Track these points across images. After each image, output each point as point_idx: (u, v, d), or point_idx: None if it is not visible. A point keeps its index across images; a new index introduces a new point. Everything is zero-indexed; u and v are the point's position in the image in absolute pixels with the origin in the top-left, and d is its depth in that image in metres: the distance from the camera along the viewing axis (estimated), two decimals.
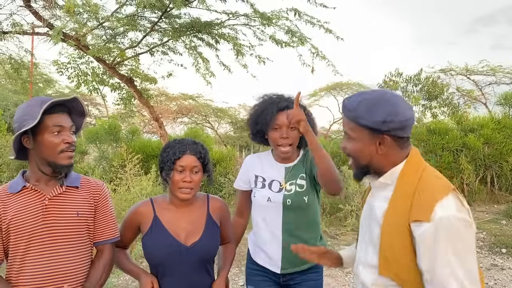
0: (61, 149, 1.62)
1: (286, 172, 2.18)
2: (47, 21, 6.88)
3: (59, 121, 1.62)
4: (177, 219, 1.88)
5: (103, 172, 9.09)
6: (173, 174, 1.81)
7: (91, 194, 1.78)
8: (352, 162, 1.49)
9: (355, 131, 1.41)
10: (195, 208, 1.93)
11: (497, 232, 6.81)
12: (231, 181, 9.55)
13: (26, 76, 9.65)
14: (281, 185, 2.15)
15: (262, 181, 2.20)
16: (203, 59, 8.06)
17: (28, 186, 1.64)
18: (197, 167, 1.83)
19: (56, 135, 1.62)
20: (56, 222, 1.64)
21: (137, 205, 1.94)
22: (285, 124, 2.07)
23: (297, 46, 6.84)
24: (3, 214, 1.59)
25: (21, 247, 1.60)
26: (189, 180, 1.80)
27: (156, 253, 1.82)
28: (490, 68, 16.33)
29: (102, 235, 1.81)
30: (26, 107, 1.62)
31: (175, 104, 20.03)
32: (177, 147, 1.83)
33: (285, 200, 2.11)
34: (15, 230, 1.59)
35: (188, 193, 1.82)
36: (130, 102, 10.18)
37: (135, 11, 6.82)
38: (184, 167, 1.80)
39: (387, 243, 1.36)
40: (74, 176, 1.77)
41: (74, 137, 1.68)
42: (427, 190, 1.31)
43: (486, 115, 11.57)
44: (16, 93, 17.75)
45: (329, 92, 21.63)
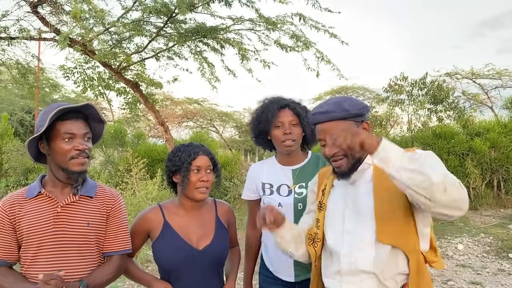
0: (71, 156, 1.63)
1: (293, 174, 2.17)
2: (54, 26, 6.94)
3: (70, 128, 1.63)
4: (188, 223, 1.90)
5: (109, 176, 9.13)
6: (190, 175, 1.84)
7: (104, 204, 1.77)
8: (346, 161, 1.55)
9: (347, 125, 1.53)
10: (204, 211, 1.95)
11: (504, 237, 6.76)
12: (236, 185, 9.56)
13: (32, 81, 9.71)
14: (289, 187, 2.15)
15: (269, 188, 2.19)
16: (208, 64, 8.09)
17: (43, 192, 1.67)
18: (210, 166, 1.89)
19: (67, 141, 1.63)
20: (66, 230, 1.66)
21: (145, 212, 1.95)
22: (287, 121, 2.11)
23: (302, 51, 6.84)
24: (18, 217, 1.63)
25: (31, 252, 1.62)
26: (206, 179, 1.85)
27: (168, 258, 1.83)
28: (496, 71, 16.24)
29: (112, 246, 1.78)
30: (43, 114, 1.65)
31: (180, 108, 20.07)
32: (190, 149, 1.87)
33: (296, 204, 2.10)
34: (28, 234, 1.62)
35: (205, 192, 1.86)
36: (136, 106, 10.22)
37: (140, 17, 6.86)
38: (200, 167, 1.85)
39: (382, 207, 1.48)
40: (91, 185, 1.77)
41: (87, 144, 1.68)
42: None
43: (492, 119, 11.52)
44: (22, 97, 17.87)
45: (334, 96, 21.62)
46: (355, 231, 1.55)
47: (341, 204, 1.63)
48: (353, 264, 1.52)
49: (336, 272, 1.58)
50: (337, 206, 1.64)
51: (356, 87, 20.44)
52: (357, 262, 1.51)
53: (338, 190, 1.67)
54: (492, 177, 9.79)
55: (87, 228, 1.70)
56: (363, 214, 1.54)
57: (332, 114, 1.54)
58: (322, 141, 1.59)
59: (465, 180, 9.18)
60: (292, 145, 2.12)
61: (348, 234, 1.56)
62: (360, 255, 1.51)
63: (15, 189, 8.52)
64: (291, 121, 2.11)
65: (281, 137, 2.11)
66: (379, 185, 1.52)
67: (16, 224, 1.63)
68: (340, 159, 1.55)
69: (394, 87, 14.76)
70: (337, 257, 1.58)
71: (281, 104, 2.14)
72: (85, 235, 1.69)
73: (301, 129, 2.15)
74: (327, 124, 1.55)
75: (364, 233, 1.51)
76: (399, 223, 1.46)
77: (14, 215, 1.63)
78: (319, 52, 6.85)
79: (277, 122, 2.12)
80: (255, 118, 2.23)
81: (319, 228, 1.69)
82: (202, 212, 1.94)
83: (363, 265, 1.50)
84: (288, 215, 2.08)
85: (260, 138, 2.25)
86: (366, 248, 1.50)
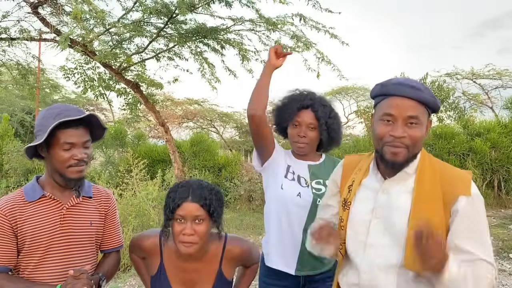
0: (69, 164, 1.62)
1: (309, 170, 2.13)
2: (54, 27, 6.94)
3: (70, 137, 1.60)
4: (183, 271, 1.69)
5: (109, 177, 9.14)
6: (173, 224, 1.59)
7: (102, 204, 1.82)
8: (405, 151, 1.37)
9: (424, 114, 1.38)
10: (205, 260, 1.69)
11: (505, 237, 6.75)
12: (236, 186, 9.55)
13: (33, 81, 9.72)
14: (306, 182, 2.09)
15: (292, 173, 2.11)
16: (209, 64, 8.09)
17: (47, 195, 1.66)
18: (201, 216, 1.56)
19: (67, 150, 1.61)
20: (72, 231, 1.68)
21: (142, 238, 1.77)
22: (304, 123, 2.07)
23: (303, 51, 6.85)
24: (20, 222, 1.60)
25: (37, 255, 1.62)
26: (190, 232, 1.54)
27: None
28: (496, 72, 16.25)
29: (111, 243, 1.87)
30: (42, 118, 1.62)
31: (180, 109, 20.07)
32: (179, 192, 1.59)
33: (315, 198, 2.03)
34: (32, 238, 1.60)
35: (190, 246, 1.56)
36: (136, 107, 10.23)
37: (141, 17, 6.86)
38: (184, 217, 1.55)
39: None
40: (87, 186, 1.80)
41: (86, 152, 1.65)
42: (455, 172, 1.42)
43: (492, 119, 11.51)
44: (23, 98, 17.88)
45: (334, 96, 21.58)
46: (380, 249, 1.42)
47: (368, 212, 1.46)
48: (373, 282, 1.43)
49: (355, 285, 1.49)
50: (363, 213, 1.48)
51: (357, 87, 20.43)
52: (379, 283, 1.41)
53: (366, 194, 1.50)
54: (492, 177, 9.78)
55: (90, 228, 1.74)
56: (391, 233, 1.39)
57: (422, 94, 1.34)
58: (390, 117, 1.37)
59: None
60: (304, 147, 2.10)
61: (370, 248, 1.44)
62: (382, 276, 1.41)
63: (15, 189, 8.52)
64: (309, 124, 2.06)
65: (295, 137, 2.10)
66: (419, 206, 1.36)
67: (18, 228, 1.60)
68: (401, 147, 1.36)
69: None
70: (356, 270, 1.48)
71: (304, 104, 2.08)
72: (89, 235, 1.74)
73: (317, 133, 2.09)
74: (411, 103, 1.34)
75: (389, 254, 1.39)
76: None
77: (15, 220, 1.59)
78: (320, 53, 6.85)
79: (295, 121, 2.09)
80: (276, 110, 2.20)
81: (342, 229, 1.53)
82: (202, 260, 1.68)
83: (384, 286, 1.41)
84: (304, 208, 2.04)
85: (278, 130, 2.25)
86: (389, 270, 1.39)
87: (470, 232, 1.32)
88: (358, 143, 10.80)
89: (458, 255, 1.30)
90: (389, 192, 1.43)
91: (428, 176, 1.39)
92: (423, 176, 1.39)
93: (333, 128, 2.12)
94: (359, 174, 1.55)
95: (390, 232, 1.40)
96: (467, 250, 1.31)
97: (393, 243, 1.39)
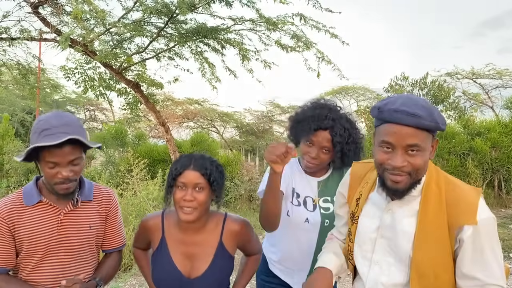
0: (54, 182, 1.57)
1: (318, 187, 2.06)
2: (54, 27, 6.94)
3: (54, 156, 1.52)
4: (183, 244, 1.70)
5: (109, 177, 9.14)
6: (174, 191, 1.63)
7: (102, 204, 1.80)
8: (407, 179, 1.32)
9: (425, 140, 1.29)
10: (205, 232, 1.71)
11: (505, 237, 6.75)
12: (237, 186, 9.55)
13: (33, 81, 9.72)
14: (314, 201, 2.03)
15: (297, 198, 2.04)
16: (209, 64, 8.09)
17: (44, 201, 1.64)
18: (201, 184, 1.61)
19: (51, 168, 1.55)
20: (70, 235, 1.67)
21: (147, 218, 1.79)
22: (319, 144, 1.93)
23: (303, 51, 6.85)
24: (17, 225, 1.59)
25: (35, 259, 1.62)
26: (190, 198, 1.59)
27: (157, 281, 1.72)
28: (496, 71, 16.25)
29: (112, 243, 1.86)
30: (34, 129, 1.55)
31: (181, 108, 20.08)
32: (181, 162, 1.64)
33: (323, 220, 1.99)
34: (30, 242, 1.60)
35: (190, 213, 1.60)
36: (137, 107, 10.23)
37: (141, 17, 6.87)
38: (185, 184, 1.60)
39: (422, 258, 1.32)
40: (88, 189, 1.75)
41: (74, 169, 1.58)
42: (461, 194, 1.34)
43: (493, 119, 11.51)
44: (23, 98, 17.88)
45: (335, 96, 21.60)
46: (385, 267, 1.42)
47: (373, 230, 1.45)
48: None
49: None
50: (369, 231, 1.46)
51: (357, 87, 20.46)
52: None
53: (372, 210, 1.48)
54: (493, 177, 9.79)
55: (89, 231, 1.72)
56: (396, 254, 1.38)
57: (420, 121, 1.24)
58: (389, 145, 1.30)
59: (466, 180, 9.17)
60: (312, 167, 2.00)
61: (376, 266, 1.43)
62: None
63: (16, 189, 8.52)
64: (323, 147, 1.93)
65: (306, 156, 1.98)
66: (425, 229, 1.33)
67: (16, 232, 1.59)
68: (403, 175, 1.30)
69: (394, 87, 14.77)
70: (362, 285, 1.48)
71: (323, 126, 1.91)
72: (88, 238, 1.72)
73: (330, 156, 1.97)
74: (407, 129, 1.26)
75: (394, 274, 1.39)
76: (440, 277, 1.32)
77: (13, 223, 1.59)
78: (320, 52, 6.86)
79: (309, 139, 1.95)
80: (294, 123, 2.05)
81: (351, 242, 1.53)
82: (202, 233, 1.71)
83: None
84: (314, 233, 1.99)
85: (293, 139, 2.09)
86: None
87: (477, 261, 1.29)
88: None
89: (465, 282, 1.31)
90: (394, 213, 1.41)
91: (433, 200, 1.35)
92: (427, 200, 1.36)
93: (348, 154, 1.97)
94: (366, 187, 1.52)
95: (395, 252, 1.39)
96: (474, 277, 1.29)
97: (398, 263, 1.38)
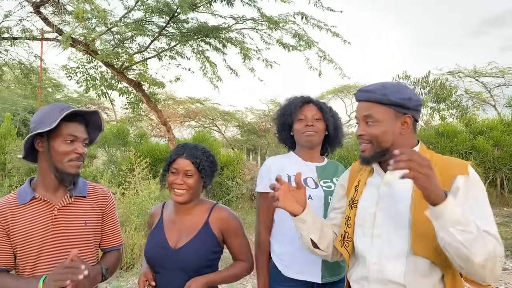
0: (70, 158, 1.62)
1: (317, 170, 2.12)
2: (56, 26, 6.96)
3: (74, 131, 1.63)
4: (175, 222, 1.91)
5: (111, 176, 9.15)
6: (168, 175, 1.87)
7: (98, 202, 1.80)
8: (370, 147, 1.50)
9: (380, 112, 1.47)
10: (195, 214, 1.91)
11: (507, 236, 6.74)
12: (238, 185, 9.56)
13: (35, 81, 9.75)
14: (315, 180, 2.08)
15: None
16: (211, 63, 8.10)
17: (37, 197, 1.64)
18: (191, 171, 1.83)
19: (69, 143, 1.62)
20: (65, 232, 1.66)
21: (153, 208, 2.06)
22: (310, 115, 2.11)
23: (304, 50, 6.85)
24: (12, 224, 1.60)
25: (32, 257, 1.61)
26: (180, 182, 1.82)
27: (147, 250, 1.87)
28: (499, 70, 16.22)
29: (110, 242, 1.85)
30: (47, 111, 1.63)
31: (182, 108, 20.12)
32: (176, 150, 1.88)
33: (326, 197, 2.01)
34: (24, 240, 1.59)
35: (180, 195, 1.83)
36: (138, 106, 10.25)
37: (143, 16, 6.88)
38: (177, 170, 1.84)
39: (420, 217, 1.35)
40: (82, 185, 1.77)
41: (85, 149, 1.68)
42: (452, 159, 1.49)
43: (495, 117, 11.49)
44: (25, 98, 17.92)
45: (336, 95, 21.61)
46: (386, 237, 1.46)
47: (373, 205, 1.53)
48: (381, 273, 1.44)
49: (364, 278, 1.50)
50: (368, 207, 1.54)
51: (359, 86, 20.41)
52: (386, 272, 1.43)
53: (370, 190, 1.57)
54: (495, 175, 9.77)
55: (85, 228, 1.71)
56: (396, 221, 1.44)
57: (370, 94, 1.49)
58: (357, 120, 1.56)
59: None
60: (313, 135, 2.09)
61: (377, 239, 1.48)
62: (390, 265, 1.43)
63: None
64: (314, 115, 2.11)
65: (303, 129, 2.10)
66: (420, 193, 1.36)
67: (10, 231, 1.60)
68: (366, 143, 1.51)
69: None
70: (365, 263, 1.50)
71: (306, 99, 2.15)
72: (84, 235, 1.71)
73: (323, 124, 2.13)
74: (364, 104, 1.51)
75: (396, 242, 1.43)
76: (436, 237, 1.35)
77: (7, 222, 1.59)
78: (322, 51, 6.86)
79: (300, 115, 2.12)
80: (279, 112, 2.23)
81: (349, 227, 1.59)
82: (192, 214, 1.91)
83: (393, 276, 1.42)
84: (319, 208, 1.99)
85: (283, 134, 2.21)
86: (397, 259, 1.42)
87: (473, 208, 1.33)
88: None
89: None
90: (390, 184, 1.50)
91: None
92: None
93: (336, 117, 2.19)
94: (364, 174, 1.63)
95: (394, 221, 1.45)
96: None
97: (398, 231, 1.43)
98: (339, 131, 2.23)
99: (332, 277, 2.00)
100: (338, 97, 21.79)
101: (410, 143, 1.52)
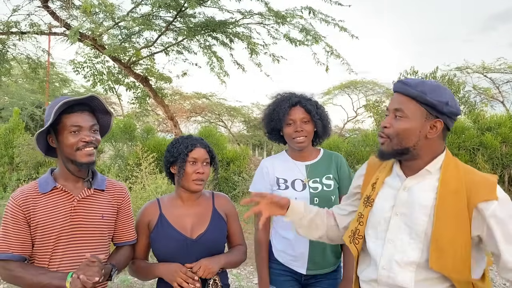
0: (77, 147, 1.64)
1: (306, 170, 2.20)
2: (64, 21, 6.99)
3: (76, 120, 1.65)
4: (183, 213, 1.91)
5: (118, 171, 9.18)
6: (186, 166, 1.86)
7: (115, 197, 1.83)
8: (390, 142, 1.45)
9: (411, 109, 1.41)
10: (201, 202, 1.96)
11: None
12: (245, 180, 9.57)
13: (43, 75, 9.80)
14: (303, 181, 2.16)
15: (284, 183, 2.18)
16: (217, 58, 8.09)
17: (58, 187, 1.68)
18: (207, 159, 1.90)
19: (74, 134, 1.64)
20: (83, 223, 1.69)
21: (144, 206, 1.99)
22: (298, 118, 2.13)
23: (312, 45, 6.82)
24: (33, 212, 1.63)
25: (50, 246, 1.64)
26: (202, 171, 1.86)
27: (162, 248, 1.85)
28: (507, 65, 16.05)
29: (123, 237, 1.88)
30: (49, 108, 1.65)
31: (189, 103, 20.13)
32: (188, 141, 1.90)
33: (312, 199, 2.11)
34: (44, 228, 1.62)
35: (200, 184, 1.87)
36: (145, 101, 10.28)
37: (150, 11, 6.88)
38: (197, 159, 1.87)
39: (442, 232, 1.33)
40: (101, 179, 1.81)
41: (94, 136, 1.69)
42: (479, 176, 1.41)
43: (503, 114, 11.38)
44: (33, 92, 18.04)
45: (343, 90, 21.50)
46: (399, 244, 1.43)
47: (389, 208, 1.49)
48: (391, 279, 1.43)
49: (373, 280, 1.49)
50: (384, 210, 1.50)
51: (366, 81, 20.32)
52: (397, 278, 1.42)
53: (388, 191, 1.53)
54: (503, 172, 9.69)
55: (101, 221, 1.74)
56: (411, 231, 1.41)
57: (406, 88, 1.42)
58: (387, 110, 1.49)
59: None
60: (304, 141, 2.14)
61: (390, 244, 1.45)
62: (401, 272, 1.41)
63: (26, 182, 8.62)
64: (302, 118, 2.13)
65: (293, 134, 2.14)
66: (444, 204, 1.35)
67: (31, 218, 1.62)
68: (384, 138, 1.46)
69: None
70: (375, 265, 1.49)
71: (292, 102, 2.16)
72: (100, 228, 1.74)
73: (312, 125, 2.17)
74: (399, 96, 1.45)
75: (408, 251, 1.40)
76: (458, 253, 1.33)
77: (28, 210, 1.62)
78: (329, 46, 6.83)
79: (288, 120, 2.14)
80: (267, 116, 2.26)
81: (361, 225, 1.56)
82: (198, 203, 1.95)
83: (402, 283, 1.40)
84: None
85: (273, 135, 2.29)
86: (408, 267, 1.40)
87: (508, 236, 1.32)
88: (367, 138, 10.73)
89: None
90: (410, 190, 1.45)
91: (452, 178, 1.39)
92: (448, 175, 1.40)
93: (323, 116, 2.21)
94: (383, 172, 1.59)
95: (410, 229, 1.41)
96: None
97: (413, 240, 1.40)
98: (327, 128, 2.26)
99: (318, 270, 2.14)
100: (345, 92, 21.68)
101: (435, 150, 1.45)
